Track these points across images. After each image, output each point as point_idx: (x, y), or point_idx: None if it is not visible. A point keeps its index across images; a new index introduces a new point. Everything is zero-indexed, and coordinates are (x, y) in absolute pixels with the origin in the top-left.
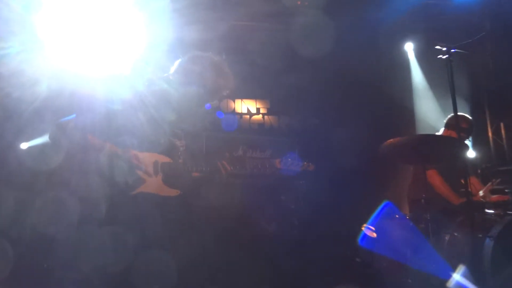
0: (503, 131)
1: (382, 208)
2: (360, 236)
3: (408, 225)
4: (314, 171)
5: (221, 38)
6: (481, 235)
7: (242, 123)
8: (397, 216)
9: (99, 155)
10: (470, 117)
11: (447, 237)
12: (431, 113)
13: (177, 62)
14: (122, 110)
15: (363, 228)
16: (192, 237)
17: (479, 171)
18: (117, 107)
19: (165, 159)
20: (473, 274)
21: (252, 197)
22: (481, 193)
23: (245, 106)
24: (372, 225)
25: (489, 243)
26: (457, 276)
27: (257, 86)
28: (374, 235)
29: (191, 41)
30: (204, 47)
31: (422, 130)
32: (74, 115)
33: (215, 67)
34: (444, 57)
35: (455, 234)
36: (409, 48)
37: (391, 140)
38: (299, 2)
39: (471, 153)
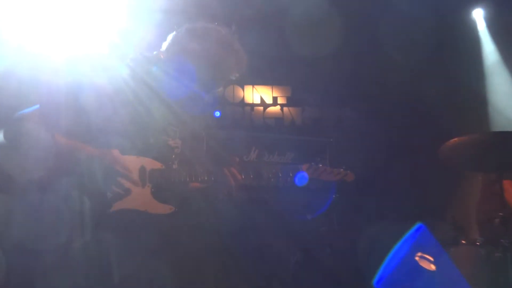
0: None
1: (414, 234)
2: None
3: (445, 260)
4: (353, 182)
5: (229, 4)
6: None
7: (254, 118)
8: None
9: (69, 159)
10: None
11: None
12: (509, 102)
13: (170, 37)
14: (96, 100)
15: (417, 258)
16: (191, 270)
17: None
18: (90, 96)
19: (154, 164)
20: None
21: (270, 216)
22: None
23: (257, 94)
24: (428, 254)
25: None
26: None
27: (274, 67)
28: (433, 267)
29: (189, 8)
30: (206, 16)
31: (497, 125)
32: (37, 106)
33: (221, 43)
34: None
35: None
36: (479, 16)
37: (455, 139)
38: None
39: None
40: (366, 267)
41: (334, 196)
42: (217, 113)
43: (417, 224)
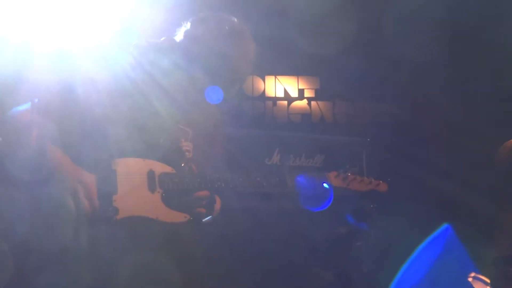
0: None
1: (440, 236)
2: None
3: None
4: (391, 193)
5: None
6: None
7: (276, 114)
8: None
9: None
10: None
11: None
12: None
13: (186, 25)
14: (93, 97)
15: (470, 279)
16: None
17: None
18: (86, 93)
19: (164, 168)
20: None
21: (297, 230)
22: None
23: (280, 86)
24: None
25: None
26: None
27: (300, 54)
28: None
29: None
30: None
31: None
32: (28, 105)
33: (233, 33)
34: None
35: None
36: None
37: None
38: None
39: None
40: None
41: (371, 206)
42: None
43: (444, 225)
